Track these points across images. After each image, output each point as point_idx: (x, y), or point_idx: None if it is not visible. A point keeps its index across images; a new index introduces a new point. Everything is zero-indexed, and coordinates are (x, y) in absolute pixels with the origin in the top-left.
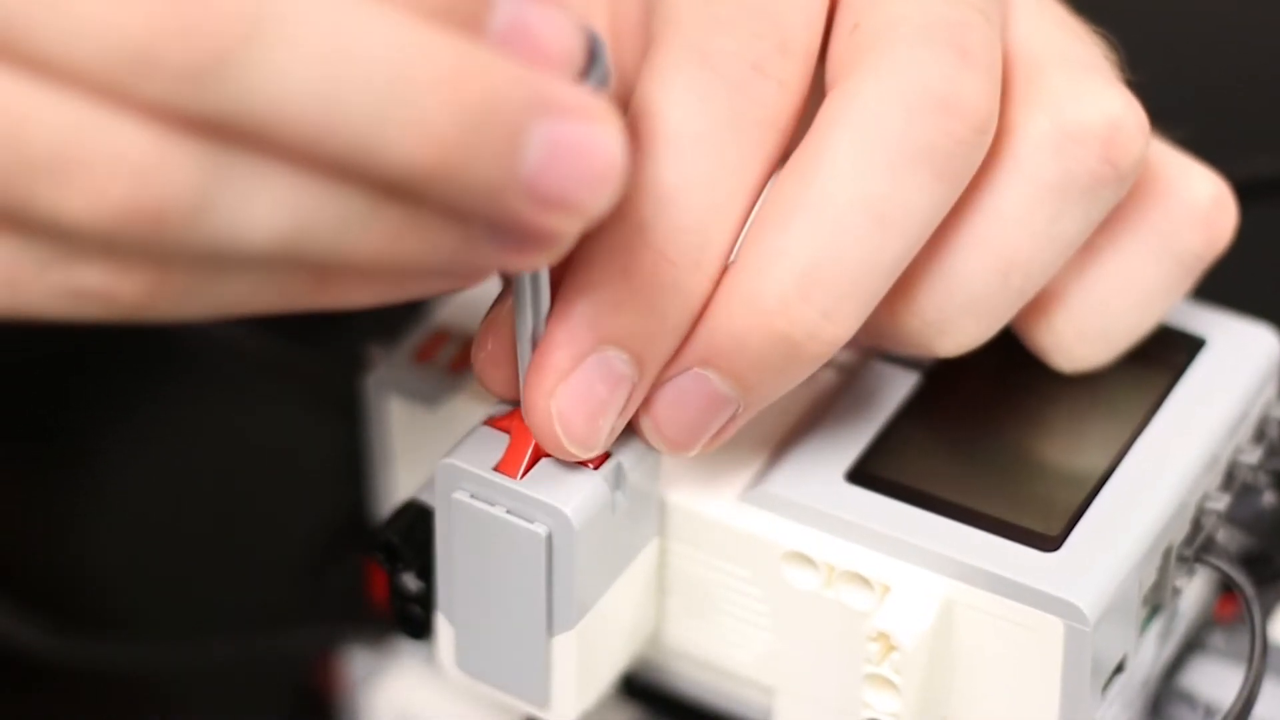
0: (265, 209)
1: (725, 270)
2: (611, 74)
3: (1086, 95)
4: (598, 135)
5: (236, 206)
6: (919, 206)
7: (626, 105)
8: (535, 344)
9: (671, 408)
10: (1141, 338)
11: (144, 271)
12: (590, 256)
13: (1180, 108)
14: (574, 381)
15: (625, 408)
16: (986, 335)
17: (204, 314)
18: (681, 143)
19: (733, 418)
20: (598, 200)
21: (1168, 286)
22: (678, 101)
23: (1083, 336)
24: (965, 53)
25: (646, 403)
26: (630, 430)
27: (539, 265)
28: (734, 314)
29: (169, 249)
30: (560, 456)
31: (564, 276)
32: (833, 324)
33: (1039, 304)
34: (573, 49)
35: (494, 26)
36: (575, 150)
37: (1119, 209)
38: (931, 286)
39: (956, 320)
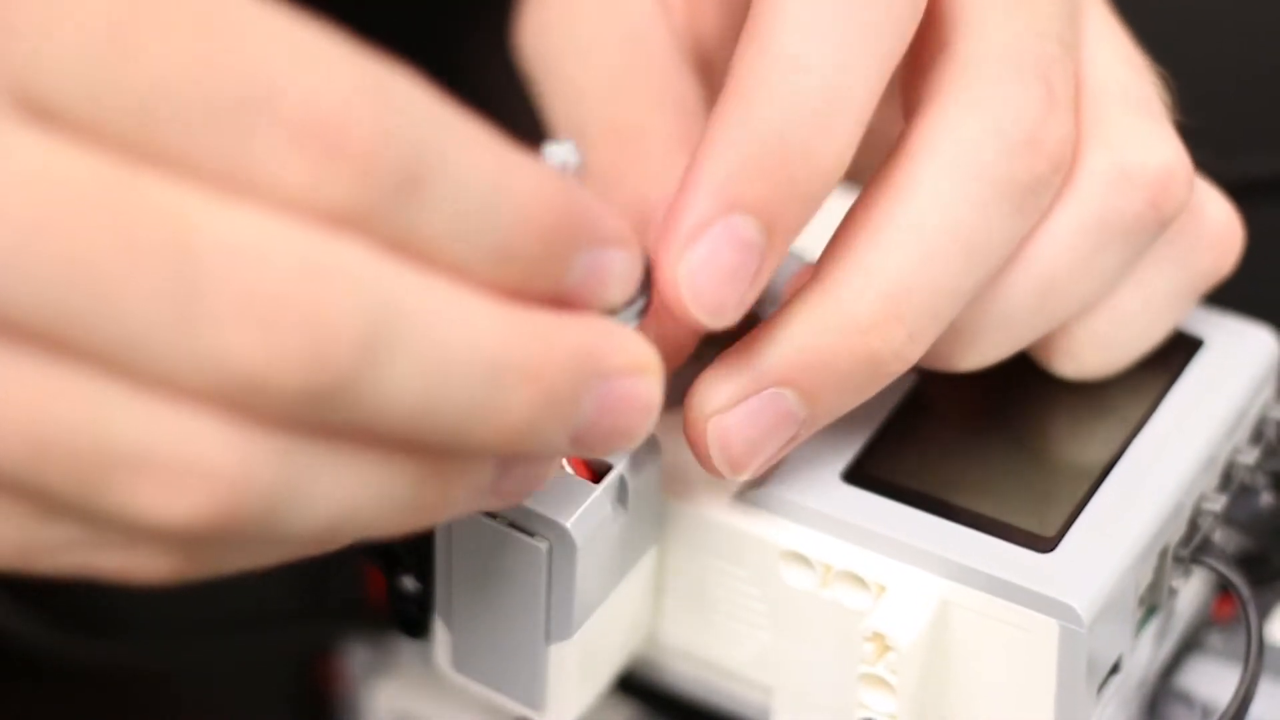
0: (329, 495)
1: (855, 147)
2: (653, 298)
3: (1146, 139)
4: (642, 387)
5: (308, 498)
6: (1000, 238)
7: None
8: None
9: (743, 426)
10: (1147, 352)
11: (175, 556)
12: (720, 123)
13: (1179, 107)
14: (703, 248)
15: (756, 276)
16: (1008, 353)
17: (210, 575)
18: (808, 15)
19: (793, 438)
20: (632, 444)
21: (1179, 303)
22: None
23: (1097, 346)
24: (1052, 92)
25: (720, 426)
26: (642, 445)
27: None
28: (826, 333)
29: (226, 540)
30: (693, 327)
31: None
32: (915, 345)
33: None
34: (633, 284)
35: (571, 279)
36: (622, 404)
37: None
38: (971, 304)
39: (987, 335)
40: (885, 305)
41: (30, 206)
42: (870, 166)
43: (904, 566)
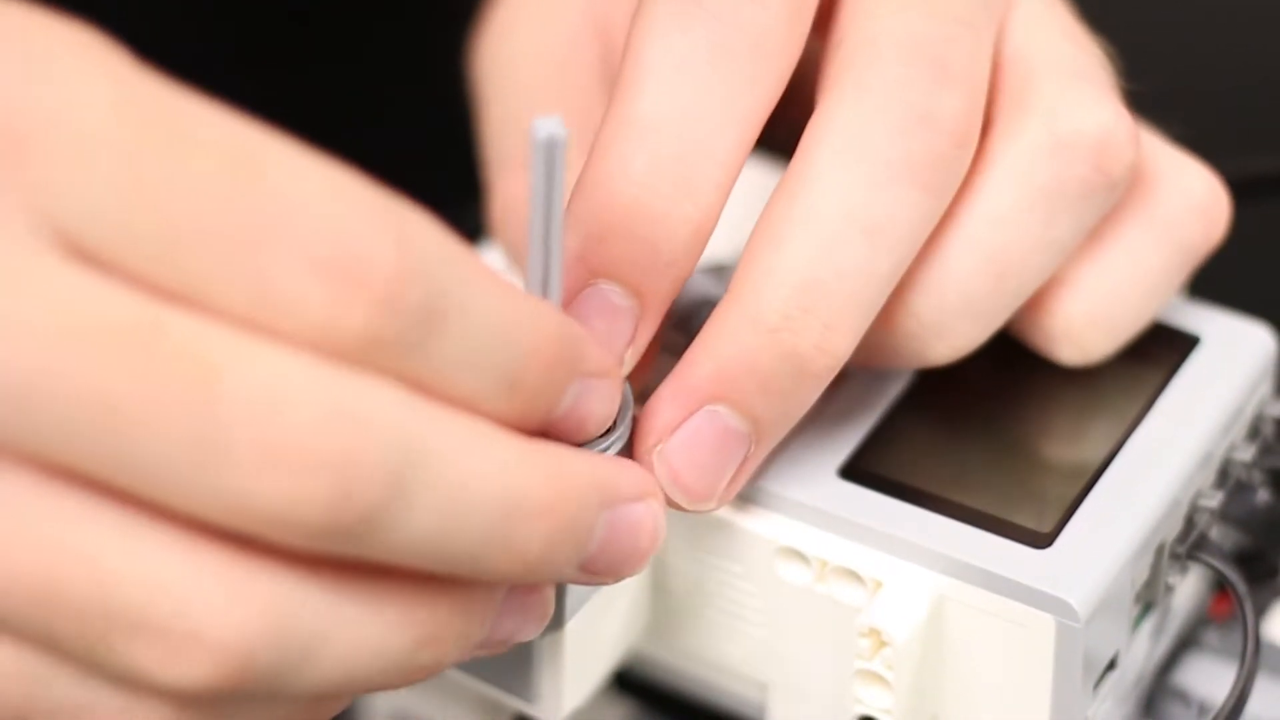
0: (336, 647)
1: (721, 204)
2: (631, 424)
3: (1080, 104)
4: (648, 513)
5: (315, 653)
6: (906, 218)
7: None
8: (547, 288)
9: (686, 451)
10: (1143, 328)
11: (177, 715)
12: (579, 195)
13: (1178, 106)
14: (573, 313)
15: (632, 339)
16: (980, 339)
17: None
18: (662, 74)
19: (746, 458)
20: (640, 567)
21: (1170, 274)
22: (660, 34)
23: (1093, 323)
24: (944, 69)
25: (663, 455)
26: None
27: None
28: (739, 336)
29: (231, 699)
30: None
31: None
32: (836, 335)
33: (1052, 293)
34: (614, 410)
35: (562, 408)
36: (630, 531)
37: (1123, 201)
38: (927, 289)
39: (952, 323)
40: (792, 299)
41: (60, 338)
42: None
43: (900, 562)
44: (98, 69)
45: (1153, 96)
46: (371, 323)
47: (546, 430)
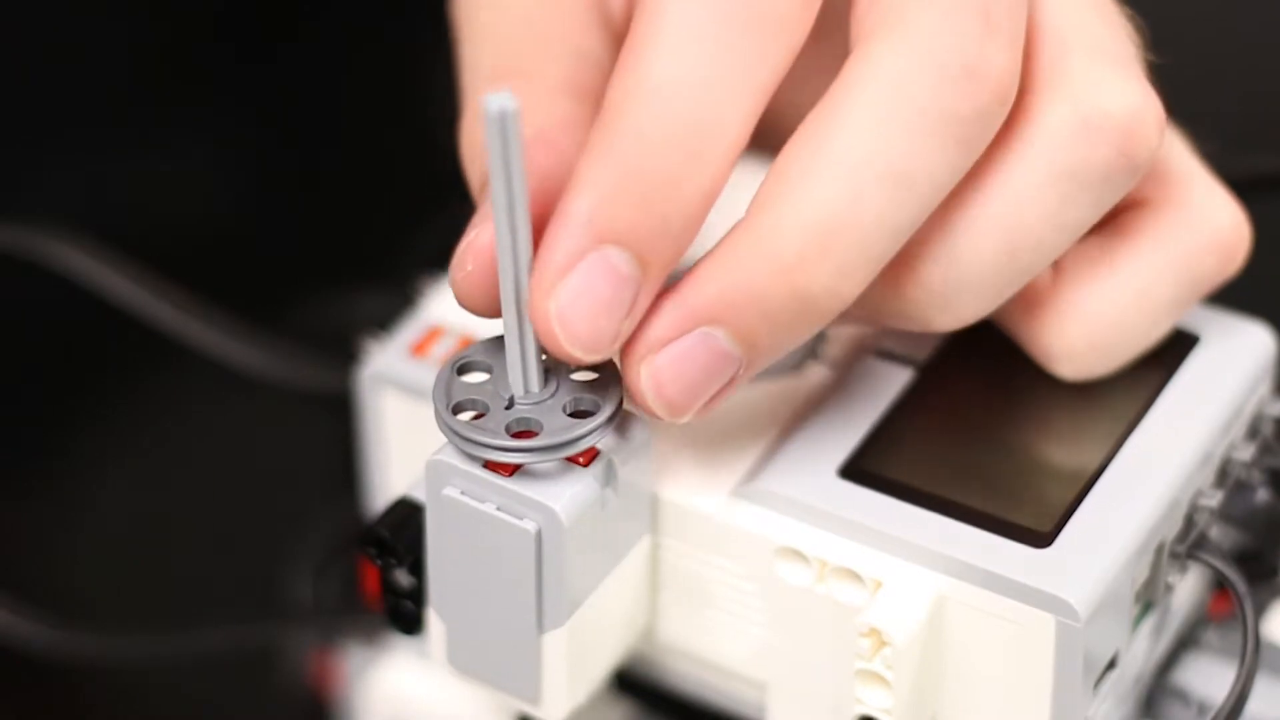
0: None
1: (727, 175)
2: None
3: (1109, 85)
4: None
5: None
6: (936, 171)
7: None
8: (516, 259)
9: (675, 365)
10: (1144, 352)
11: None
12: (588, 156)
13: (1177, 106)
14: (574, 279)
15: (631, 310)
16: (983, 312)
17: None
18: (679, 37)
19: (731, 380)
20: None
21: (1178, 304)
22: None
23: (1093, 345)
24: (990, 20)
25: (651, 364)
26: (623, 424)
27: None
28: (752, 269)
29: None
30: (565, 360)
31: (568, 178)
32: (846, 281)
33: (1053, 310)
34: None
35: None
36: None
37: (1143, 224)
38: (940, 259)
39: (958, 295)
40: (811, 240)
41: None
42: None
43: (900, 562)
44: None
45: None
46: None
47: None
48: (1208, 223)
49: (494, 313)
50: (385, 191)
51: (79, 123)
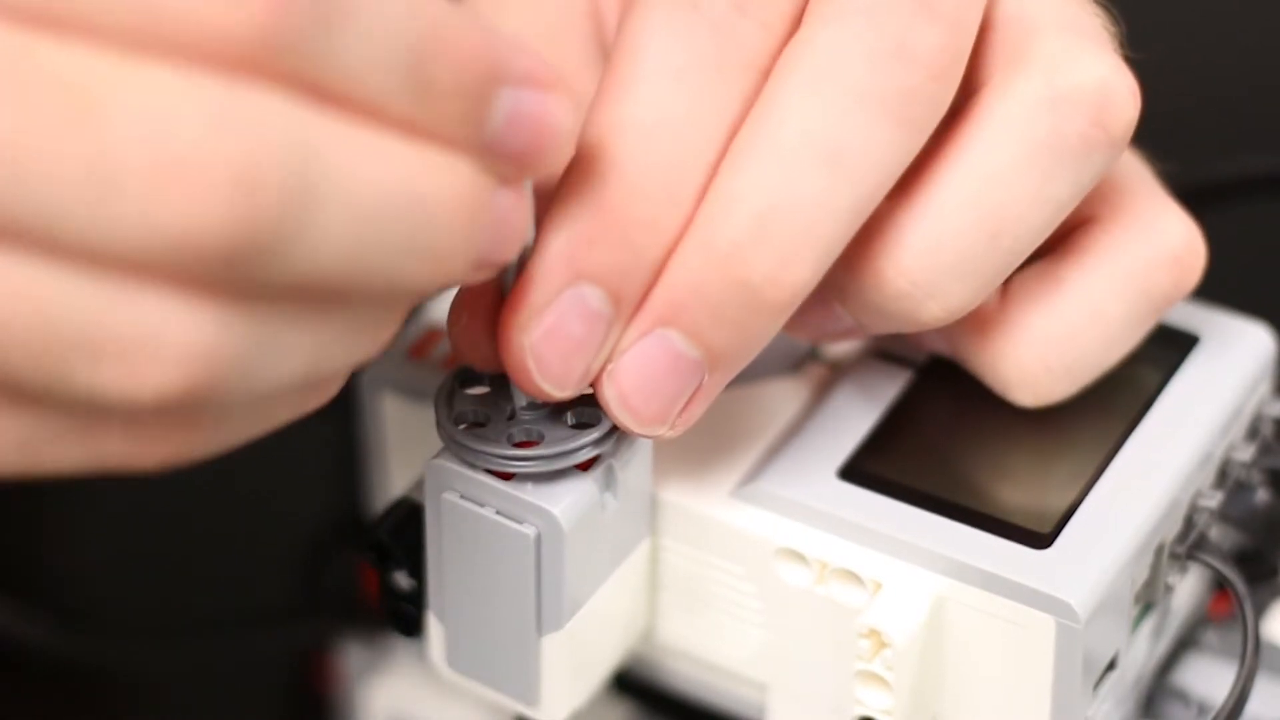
0: (295, 350)
1: None
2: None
3: (1080, 58)
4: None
5: (276, 358)
6: (872, 150)
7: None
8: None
9: (635, 375)
10: (1103, 374)
11: (167, 432)
12: (567, 193)
13: (1176, 105)
14: (549, 318)
15: (602, 347)
16: (974, 301)
17: (218, 450)
18: (659, 79)
19: (700, 386)
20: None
21: (1133, 324)
22: (658, 38)
23: (1048, 367)
24: (926, 3)
25: (613, 376)
26: (622, 430)
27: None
28: (690, 262)
29: (210, 407)
30: (535, 395)
31: (543, 214)
32: (790, 269)
33: (1004, 336)
34: (574, 128)
35: (493, 124)
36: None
37: (1091, 242)
38: (920, 246)
39: (944, 283)
40: (747, 227)
41: None
42: None
43: (900, 563)
44: None
45: (1150, 95)
46: (263, 22)
47: (494, 155)
48: (1158, 238)
49: (493, 367)
50: None
51: None
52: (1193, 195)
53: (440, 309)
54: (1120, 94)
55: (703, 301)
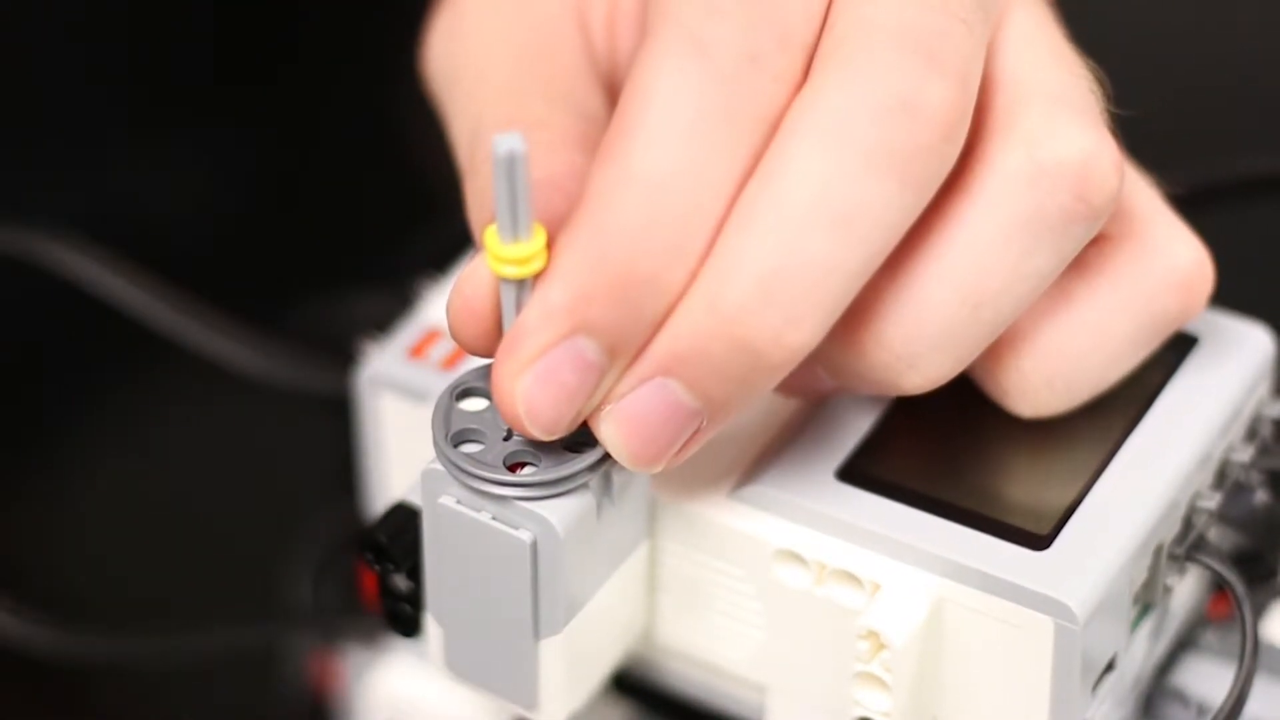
0: None
1: None
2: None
3: (1063, 131)
4: None
5: None
6: (882, 212)
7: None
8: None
9: (634, 420)
10: (1102, 392)
11: None
12: (570, 243)
13: (1176, 106)
14: (542, 367)
15: (595, 393)
16: (953, 371)
17: None
18: (668, 133)
19: (698, 430)
20: None
21: (1138, 345)
22: (668, 90)
23: (1049, 384)
24: (934, 59)
25: (611, 415)
26: None
27: None
28: (695, 320)
29: None
30: (525, 437)
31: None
32: (796, 331)
33: (1008, 347)
34: None
35: None
36: None
37: (1101, 261)
38: (901, 318)
39: (925, 354)
40: (753, 290)
41: None
42: None
43: (898, 564)
44: None
45: (1150, 96)
46: None
47: None
48: (1168, 260)
49: (484, 350)
50: (384, 194)
51: (79, 124)
52: (1193, 196)
53: (438, 310)
54: (1102, 167)
55: (705, 358)
